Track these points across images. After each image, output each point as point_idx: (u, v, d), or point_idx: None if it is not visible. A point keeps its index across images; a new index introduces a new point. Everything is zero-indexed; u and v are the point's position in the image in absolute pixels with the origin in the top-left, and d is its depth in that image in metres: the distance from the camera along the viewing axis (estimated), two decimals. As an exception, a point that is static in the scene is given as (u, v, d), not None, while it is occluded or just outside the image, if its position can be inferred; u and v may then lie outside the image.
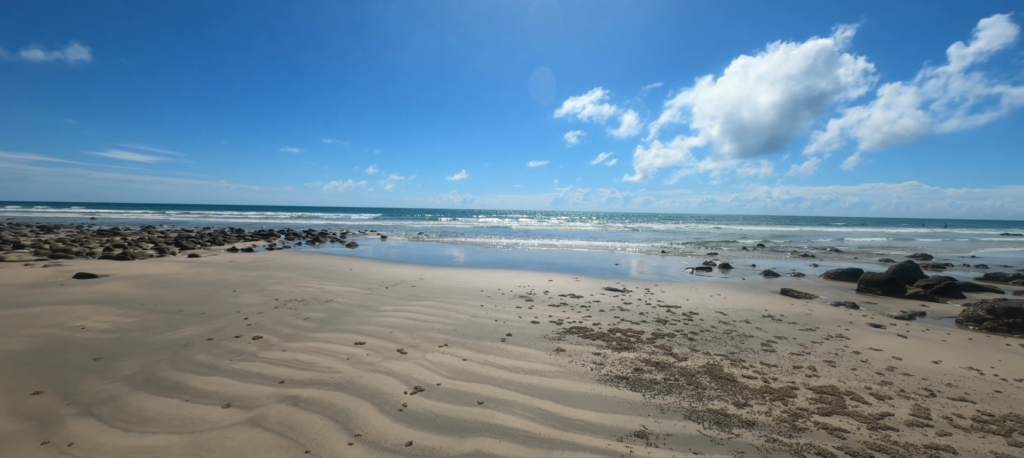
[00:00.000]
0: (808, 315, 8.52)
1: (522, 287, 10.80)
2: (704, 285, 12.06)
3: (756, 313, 8.55)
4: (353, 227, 41.16)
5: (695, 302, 9.52)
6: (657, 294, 10.40)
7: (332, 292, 9.56)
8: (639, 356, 5.66)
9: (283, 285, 10.28)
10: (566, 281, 12.02)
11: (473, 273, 13.17)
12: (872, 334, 7.17)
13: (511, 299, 9.32)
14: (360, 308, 8.11)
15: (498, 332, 6.70)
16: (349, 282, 10.97)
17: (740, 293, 10.87)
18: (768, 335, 6.91)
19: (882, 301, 10.56)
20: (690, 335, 6.76)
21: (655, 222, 72.01)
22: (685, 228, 51.77)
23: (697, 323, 7.59)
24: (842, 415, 4.07)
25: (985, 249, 28.31)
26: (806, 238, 36.71)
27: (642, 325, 7.36)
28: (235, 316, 7.26)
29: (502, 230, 40.58)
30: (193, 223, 44.11)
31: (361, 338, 6.18)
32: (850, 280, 13.81)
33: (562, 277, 12.75)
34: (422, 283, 11.08)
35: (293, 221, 51.80)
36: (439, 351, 5.71)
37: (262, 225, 41.86)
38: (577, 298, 9.63)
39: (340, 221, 54.22)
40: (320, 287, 10.13)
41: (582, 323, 7.38)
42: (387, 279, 11.59)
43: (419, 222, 56.18)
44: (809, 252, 23.65)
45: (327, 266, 13.98)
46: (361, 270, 13.23)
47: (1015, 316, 7.90)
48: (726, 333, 6.97)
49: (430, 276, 12.32)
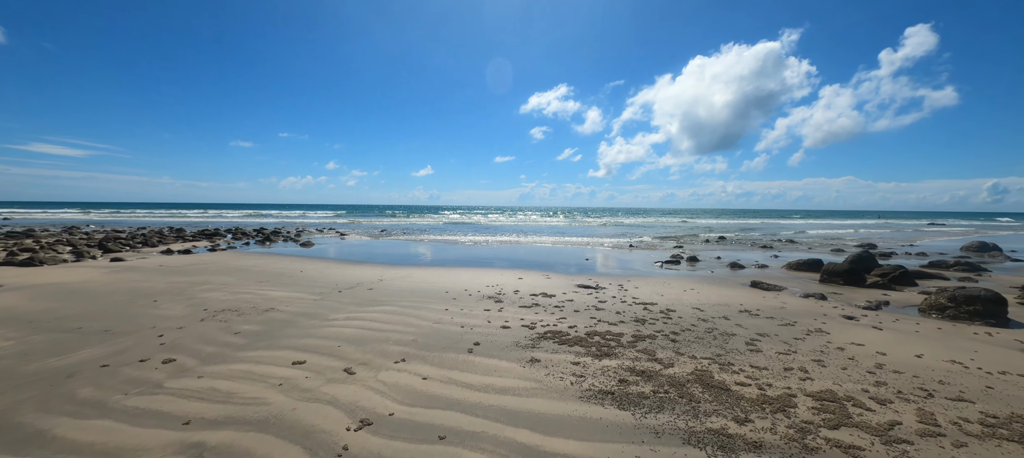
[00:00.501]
0: (782, 308, 8.35)
1: (491, 286, 10.08)
2: (676, 279, 11.83)
3: (733, 308, 8.28)
4: (310, 225, 38.79)
5: (670, 298, 9.17)
6: (631, 290, 10.00)
7: (275, 299, 8.42)
8: (622, 364, 5.09)
9: (217, 292, 8.99)
10: (537, 279, 11.41)
11: (438, 272, 12.30)
12: (848, 327, 7.02)
13: (479, 301, 8.57)
14: (306, 317, 7.09)
15: (464, 341, 5.94)
16: (297, 286, 9.82)
17: (713, 287, 10.68)
18: (750, 333, 6.58)
19: (846, 291, 10.69)
20: (672, 336, 6.30)
21: (620, 216, 73.34)
22: (649, 222, 52.88)
23: (677, 322, 7.17)
24: (850, 427, 3.65)
25: (920, 238, 30.50)
26: (761, 230, 38.28)
27: (620, 326, 6.84)
28: (148, 333, 6.07)
29: (469, 226, 39.60)
30: (127, 223, 40.05)
31: (301, 355, 5.23)
32: (812, 270, 14.11)
33: (532, 274, 12.14)
34: (381, 285, 10.10)
35: (244, 219, 48.34)
36: (395, 368, 4.88)
37: (207, 224, 38.63)
38: (549, 297, 9.03)
39: (297, 219, 51.20)
40: (261, 293, 8.94)
41: (557, 326, 6.76)
42: (342, 282, 10.50)
43: (383, 219, 54.04)
44: (768, 244, 24.43)
45: (274, 268, 12.63)
46: (313, 272, 12.02)
47: (975, 303, 8.06)
48: (708, 332, 6.57)
49: (391, 277, 11.34)
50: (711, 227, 42.23)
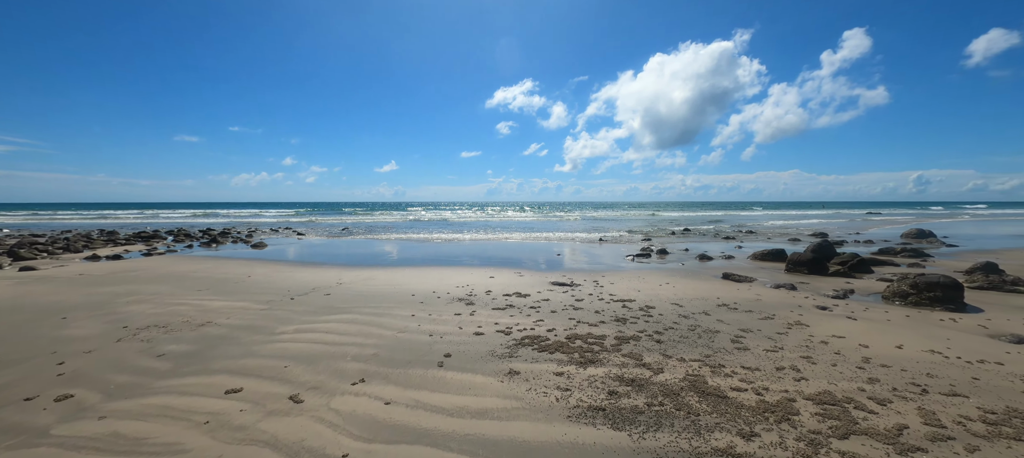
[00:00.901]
0: (758, 300, 8.28)
1: (461, 287, 9.44)
2: (649, 273, 11.67)
3: (710, 302, 8.11)
4: (265, 224, 36.34)
5: (648, 293, 8.91)
6: (607, 286, 9.68)
7: (213, 310, 7.39)
8: (609, 372, 4.65)
9: (144, 304, 7.82)
10: (509, 277, 10.89)
11: (404, 273, 11.50)
12: (825, 319, 6.97)
13: (449, 303, 7.93)
14: (248, 332, 6.19)
15: (434, 352, 5.31)
16: (242, 294, 8.76)
17: (687, 280, 10.57)
18: (733, 329, 6.36)
19: (812, 280, 10.89)
20: (656, 336, 5.95)
21: (587, 210, 74.26)
22: (616, 216, 53.74)
23: (658, 319, 6.86)
24: (860, 435, 3.37)
25: (866, 228, 32.61)
26: (721, 222, 39.73)
27: (601, 327, 6.43)
28: (45, 360, 5.00)
29: (437, 223, 38.45)
30: (51, 226, 35.89)
31: (238, 381, 4.42)
32: (776, 260, 14.45)
33: (504, 272, 11.60)
34: (340, 290, 9.22)
35: (191, 219, 44.72)
36: (352, 392, 4.19)
37: (146, 225, 35.32)
38: (524, 297, 8.53)
39: (250, 218, 47.98)
40: (199, 304, 7.86)
41: (535, 330, 6.26)
42: (295, 287, 9.51)
43: (345, 217, 51.69)
44: (730, 235, 25.18)
45: (218, 274, 11.37)
46: (262, 277, 10.89)
47: (935, 290, 8.30)
48: (691, 330, 6.29)
49: (351, 279, 10.43)
50: (675, 220, 43.40)
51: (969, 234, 24.71)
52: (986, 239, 21.65)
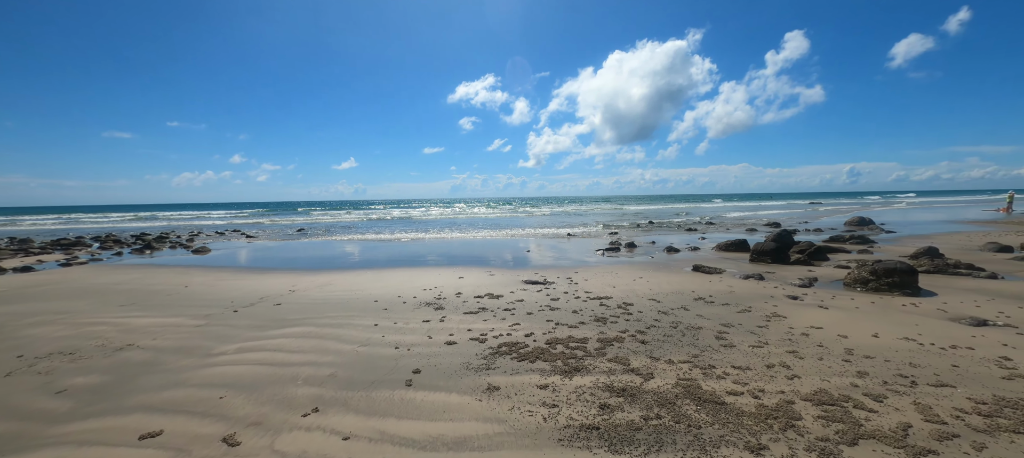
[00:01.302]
0: (731, 292, 8.26)
1: (429, 290, 8.81)
2: (621, 267, 11.53)
3: (686, 296, 7.99)
4: (210, 227, 33.56)
5: (623, 289, 8.68)
6: (581, 283, 9.38)
7: (138, 330, 6.36)
8: (597, 381, 4.27)
9: (52, 326, 6.63)
10: (479, 276, 10.36)
11: (365, 276, 10.67)
12: (798, 309, 6.99)
13: (416, 309, 7.30)
14: (178, 354, 5.30)
15: (401, 368, 4.71)
16: (176, 308, 7.68)
17: (659, 274, 10.49)
18: (714, 324, 6.19)
19: (777, 269, 11.13)
20: (639, 336, 5.66)
21: (552, 205, 74.76)
22: (581, 210, 54.35)
23: (639, 317, 6.60)
24: (868, 440, 3.16)
25: (813, 217, 34.70)
26: (680, 214, 41.06)
27: (581, 329, 6.07)
28: (-102, 407, 3.95)
29: (400, 221, 37.04)
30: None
31: (157, 421, 3.64)
32: (739, 251, 14.83)
33: (474, 272, 11.05)
34: (292, 298, 8.32)
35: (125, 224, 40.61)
36: (303, 425, 3.54)
37: (69, 231, 31.65)
38: (497, 298, 8.04)
39: (194, 221, 44.29)
40: (120, 322, 6.76)
41: (511, 335, 5.79)
42: (240, 297, 8.50)
43: (301, 217, 48.90)
44: (692, 227, 25.90)
45: (149, 285, 10.05)
46: (202, 286, 9.72)
47: (892, 276, 8.62)
48: (673, 327, 6.05)
49: (306, 286, 9.51)
50: (639, 213, 44.40)
51: (902, 221, 26.81)
52: (917, 225, 23.53)
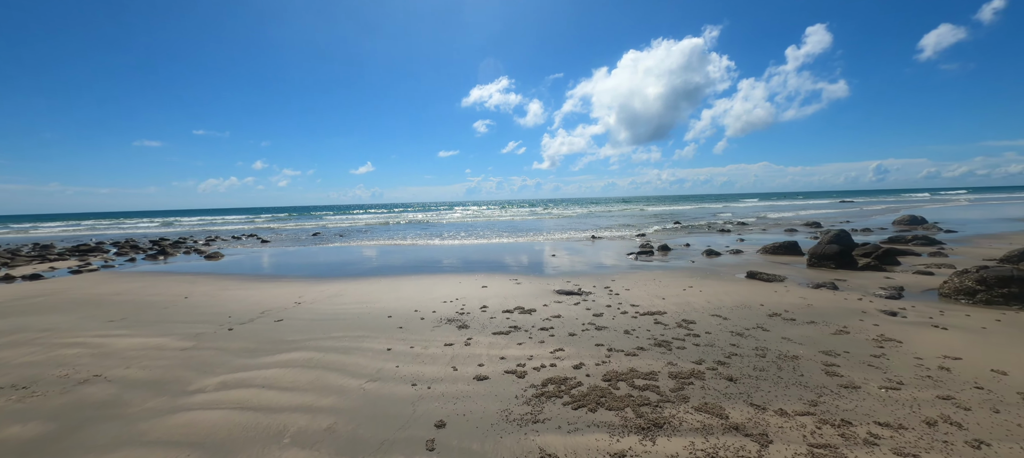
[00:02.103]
0: (809, 307, 6.90)
1: (450, 302, 7.73)
2: (663, 274, 10.22)
3: (756, 311, 6.67)
4: (227, 231, 33.44)
5: (675, 301, 7.42)
6: (623, 294, 8.15)
7: (114, 354, 5.44)
8: (692, 446, 3.07)
9: (23, 348, 5.78)
10: (505, 285, 9.22)
11: (379, 285, 9.66)
12: (908, 329, 5.61)
13: (437, 327, 6.21)
14: (149, 390, 4.32)
15: (420, 418, 3.60)
16: (166, 324, 6.78)
17: (710, 282, 9.16)
18: (811, 351, 4.90)
19: (847, 276, 9.66)
20: (722, 370, 4.42)
21: (569, 207, 73.27)
22: (600, 211, 52.76)
23: (709, 340, 5.35)
24: None
25: (854, 216, 32.44)
26: (705, 214, 39.13)
27: (642, 356, 4.86)
28: None
29: (416, 225, 36.22)
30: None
31: (85, 506, 2.61)
32: (788, 254, 13.32)
33: (498, 280, 9.93)
34: (297, 312, 7.35)
35: (151, 229, 41.09)
36: (281, 521, 2.45)
37: (93, 237, 31.94)
38: (529, 313, 6.89)
39: (216, 226, 44.60)
40: (99, 343, 5.87)
41: (556, 366, 4.63)
42: (240, 310, 7.57)
43: (318, 220, 48.78)
44: (724, 227, 24.24)
45: (149, 295, 9.26)
46: (203, 297, 8.86)
47: (1008, 285, 7.11)
48: (760, 356, 4.79)
49: (314, 296, 8.55)
50: (661, 214, 42.64)
51: (959, 219, 24.50)
52: (978, 224, 21.33)
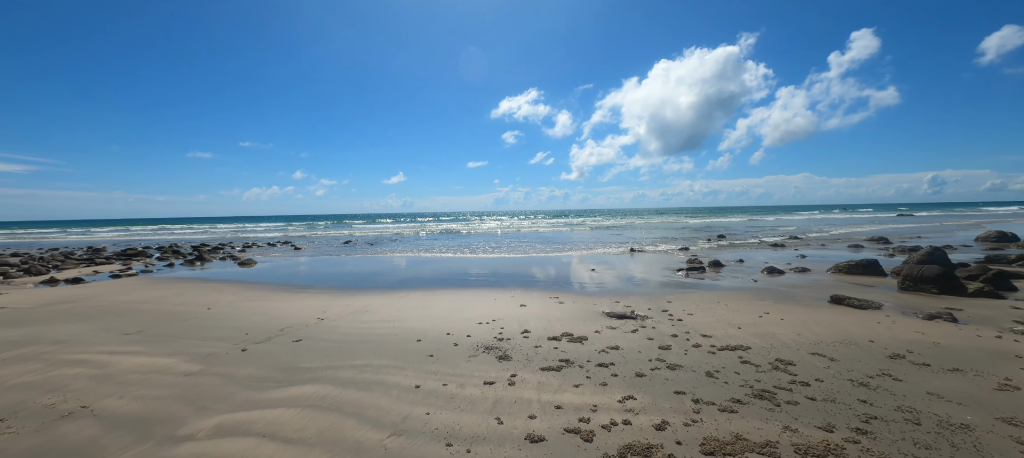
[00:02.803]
0: (935, 345, 5.47)
1: (485, 323, 6.79)
2: (725, 295, 8.89)
3: (866, 349, 5.33)
4: (264, 238, 34.21)
5: (755, 332, 6.16)
6: (686, 318, 6.95)
7: (116, 376, 4.82)
8: None
9: (23, 364, 5.29)
10: (545, 304, 8.21)
11: (408, 300, 8.87)
12: (1102, 385, 4.16)
13: (472, 357, 5.27)
14: (130, 432, 3.59)
15: (457, 499, 2.64)
16: (181, 340, 6.20)
17: (787, 307, 7.79)
18: (985, 419, 3.59)
19: (963, 304, 8.00)
20: (869, 446, 3.21)
21: (601, 218, 71.40)
22: (635, 223, 50.77)
23: (826, 392, 4.12)
24: None
25: (928, 233, 29.28)
26: (749, 228, 36.56)
27: (744, 415, 3.71)
28: None
29: (446, 236, 35.69)
30: (43, 243, 34.27)
31: None
32: (869, 274, 11.57)
33: (537, 297, 8.92)
34: (318, 330, 6.62)
35: (192, 235, 42.94)
36: None
37: (142, 242, 33.48)
38: (579, 341, 5.85)
39: (252, 233, 46.13)
40: (101, 362, 5.31)
41: (632, 426, 3.56)
42: (260, 325, 6.94)
43: (351, 229, 49.55)
44: (777, 242, 22.20)
45: (173, 305, 8.88)
46: (227, 308, 8.36)
47: None
48: (908, 419, 3.54)
49: (339, 311, 7.85)
50: (702, 226, 40.33)
51: (1061, 237, 21.29)
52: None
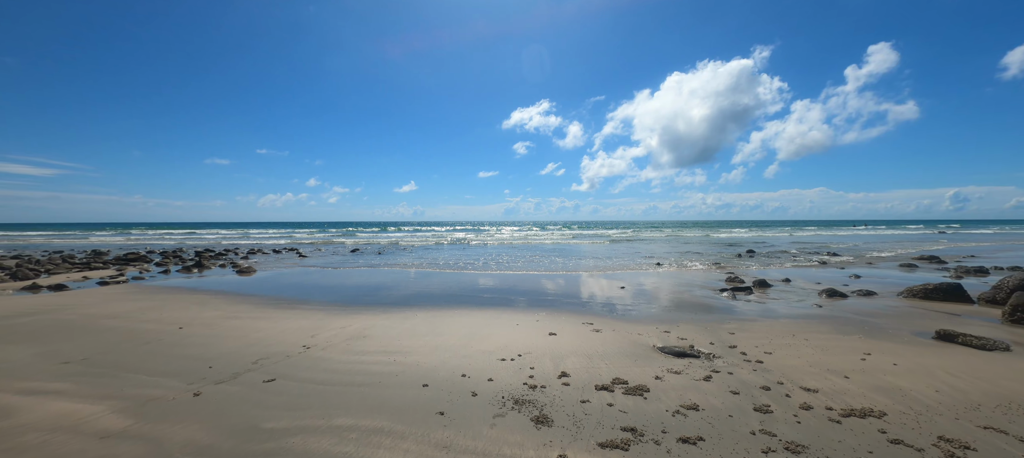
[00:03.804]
0: None
1: (511, 359, 5.34)
2: (797, 326, 7.28)
3: (1058, 422, 3.73)
4: (271, 245, 33.32)
5: (870, 384, 4.59)
6: (765, 359, 5.41)
7: (11, 432, 3.49)
8: None
9: (-92, 407, 4.00)
10: (579, 332, 6.72)
11: (414, 322, 7.46)
12: None
13: (498, 419, 3.81)
14: None
15: None
16: (125, 375, 4.87)
17: (892, 346, 6.17)
18: None
19: (1111, 348, 6.28)
20: None
21: (616, 230, 69.60)
22: (656, 236, 48.92)
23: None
24: None
25: (989, 253, 27.03)
26: (775, 242, 34.50)
27: None
28: None
29: (458, 247, 33.77)
30: (58, 246, 33.92)
31: None
32: (952, 300, 9.84)
33: (567, 321, 7.44)
34: (301, 361, 5.24)
35: (200, 240, 42.45)
36: None
37: (147, 246, 32.90)
38: (638, 394, 4.35)
39: (260, 239, 45.53)
40: (9, 407, 3.99)
41: None
42: (230, 355, 5.58)
43: (358, 237, 48.66)
44: (823, 259, 20.33)
45: (142, 322, 7.62)
46: (201, 328, 7.06)
47: None
48: None
49: (330, 335, 6.47)
50: (727, 240, 38.35)
51: None
52: None
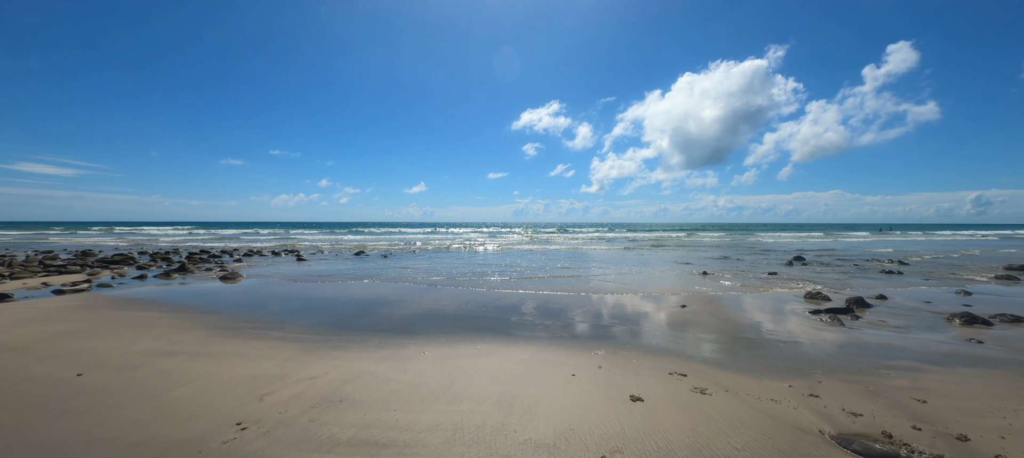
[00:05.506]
0: None
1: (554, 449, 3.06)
2: (981, 377, 4.87)
3: None
4: (270, 246, 31.51)
5: None
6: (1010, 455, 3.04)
7: None
8: None
9: None
10: (677, 397, 4.42)
11: (419, 366, 5.22)
12: None
13: None
14: None
15: None
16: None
17: None
18: None
19: None
20: None
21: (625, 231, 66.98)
22: (684, 239, 46.22)
23: None
24: None
25: None
26: (815, 247, 31.63)
27: None
28: None
29: (469, 251, 29.84)
30: (51, 246, 32.62)
31: None
32: None
33: (649, 372, 5.13)
34: (244, 443, 3.03)
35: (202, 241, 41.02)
36: None
37: (141, 247, 31.36)
38: None
39: (265, 240, 43.99)
40: None
41: None
42: (120, 439, 3.40)
43: (364, 238, 46.84)
44: (883, 267, 17.66)
45: (46, 360, 5.52)
46: (112, 373, 4.91)
47: None
48: None
49: (294, 391, 4.26)
50: (766, 246, 35.56)
51: None
52: None
